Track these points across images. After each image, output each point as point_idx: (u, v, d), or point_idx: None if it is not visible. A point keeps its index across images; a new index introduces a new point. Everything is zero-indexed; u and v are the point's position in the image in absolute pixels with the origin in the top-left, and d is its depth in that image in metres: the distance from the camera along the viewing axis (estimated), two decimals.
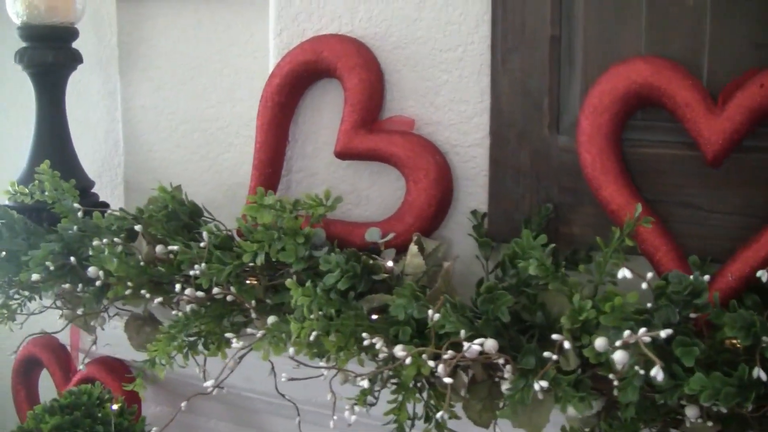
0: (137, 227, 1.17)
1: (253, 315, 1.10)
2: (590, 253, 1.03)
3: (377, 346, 0.93)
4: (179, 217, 1.18)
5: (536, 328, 0.96)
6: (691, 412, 0.84)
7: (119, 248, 1.14)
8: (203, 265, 1.06)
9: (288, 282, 1.01)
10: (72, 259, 1.16)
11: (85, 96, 1.49)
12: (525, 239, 0.94)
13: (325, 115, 1.16)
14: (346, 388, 1.00)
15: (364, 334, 0.91)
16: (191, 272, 1.07)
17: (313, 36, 1.13)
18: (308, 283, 1.00)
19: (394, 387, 0.99)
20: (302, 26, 1.16)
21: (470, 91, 1.07)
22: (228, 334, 1.04)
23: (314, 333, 0.96)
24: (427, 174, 1.07)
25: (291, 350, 1.00)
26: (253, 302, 1.09)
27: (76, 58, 1.40)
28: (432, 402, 1.00)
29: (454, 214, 1.11)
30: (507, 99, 1.04)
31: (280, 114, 1.16)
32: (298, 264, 1.05)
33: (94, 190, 1.44)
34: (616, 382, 0.85)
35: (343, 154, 1.12)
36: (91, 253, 1.14)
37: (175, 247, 1.12)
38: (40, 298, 1.30)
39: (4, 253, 1.27)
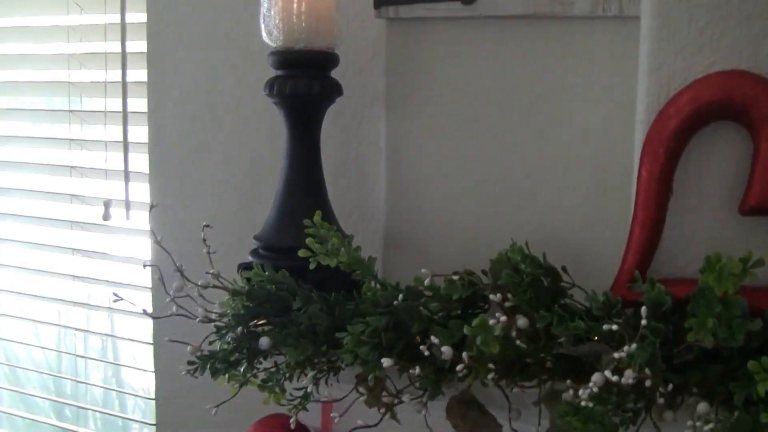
0: (493, 297, 1.08)
1: (660, 400, 1.02)
2: None
3: None
4: (542, 282, 1.09)
5: None
6: None
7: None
8: (633, 345, 0.97)
9: (751, 364, 0.94)
10: (433, 338, 1.06)
11: (334, 134, 1.39)
12: None
13: (712, 162, 1.10)
14: None
15: None
16: (616, 354, 0.97)
17: (715, 72, 1.07)
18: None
19: None
20: (689, 61, 1.09)
21: None
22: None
23: None
24: None
25: None
26: (671, 386, 1.01)
27: (337, 90, 1.30)
28: None
29: None
30: None
31: (670, 162, 1.08)
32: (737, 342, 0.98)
33: None
34: None
35: (759, 210, 1.05)
36: (466, 327, 1.03)
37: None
38: (338, 381, 1.19)
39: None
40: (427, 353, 1.05)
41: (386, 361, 1.07)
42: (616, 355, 0.98)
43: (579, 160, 1.25)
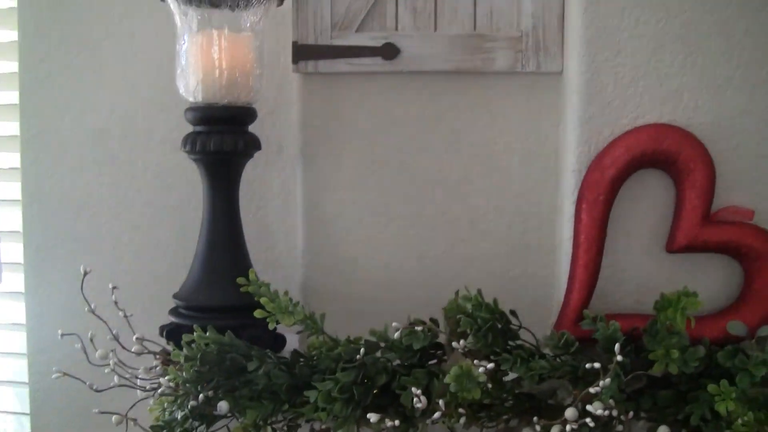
0: (456, 344, 1.13)
1: (619, 427, 1.12)
2: None
3: None
4: (496, 326, 1.16)
5: None
6: None
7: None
8: (607, 380, 1.06)
9: (711, 387, 1.06)
10: (414, 390, 1.09)
11: (248, 189, 1.38)
12: None
13: (640, 207, 1.22)
14: None
15: None
16: (591, 389, 1.06)
17: (645, 124, 1.20)
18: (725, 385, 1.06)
19: None
20: (616, 114, 1.21)
21: None
22: None
23: None
24: None
25: None
26: (631, 414, 1.11)
27: (257, 145, 1.30)
28: None
29: None
30: None
31: (607, 208, 1.20)
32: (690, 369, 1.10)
33: None
34: None
35: (688, 247, 1.18)
36: (449, 376, 1.08)
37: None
38: None
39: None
40: (419, 405, 1.08)
41: (373, 417, 1.09)
42: (592, 389, 1.07)
43: (499, 207, 1.33)
